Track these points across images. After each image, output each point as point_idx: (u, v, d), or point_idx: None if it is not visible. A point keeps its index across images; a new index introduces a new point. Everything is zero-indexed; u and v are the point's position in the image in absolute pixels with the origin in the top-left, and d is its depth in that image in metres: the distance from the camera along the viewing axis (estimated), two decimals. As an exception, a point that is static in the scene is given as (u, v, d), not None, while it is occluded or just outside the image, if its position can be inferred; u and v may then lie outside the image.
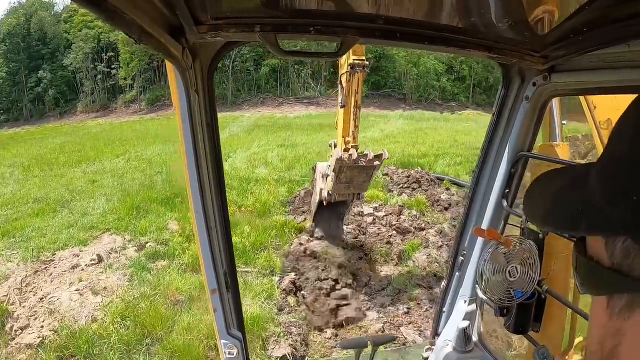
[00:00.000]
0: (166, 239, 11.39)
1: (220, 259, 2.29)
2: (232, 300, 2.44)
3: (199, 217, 2.10)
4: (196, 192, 2.04)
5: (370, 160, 8.36)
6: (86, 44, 76.16)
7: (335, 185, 8.78)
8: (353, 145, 8.49)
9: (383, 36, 1.69)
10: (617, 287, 0.57)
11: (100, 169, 20.63)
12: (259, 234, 11.53)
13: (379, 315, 8.86)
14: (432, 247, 12.17)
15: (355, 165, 8.25)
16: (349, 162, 8.17)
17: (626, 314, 0.55)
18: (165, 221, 12.51)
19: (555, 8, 1.49)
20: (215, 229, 2.20)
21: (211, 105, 1.95)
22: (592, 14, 1.37)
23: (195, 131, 1.90)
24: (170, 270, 9.78)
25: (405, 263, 11.06)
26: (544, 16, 1.55)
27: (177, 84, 1.74)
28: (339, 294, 9.15)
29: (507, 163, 2.47)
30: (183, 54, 1.60)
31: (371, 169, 8.60)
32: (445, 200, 15.49)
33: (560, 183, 0.72)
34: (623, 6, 1.29)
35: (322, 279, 9.40)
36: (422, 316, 8.90)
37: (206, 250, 2.19)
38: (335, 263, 9.87)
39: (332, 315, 8.62)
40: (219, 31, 1.58)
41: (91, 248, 10.92)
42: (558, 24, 1.56)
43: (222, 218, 2.23)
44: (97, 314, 8.15)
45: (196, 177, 2.00)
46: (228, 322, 2.42)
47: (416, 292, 9.69)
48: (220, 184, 2.16)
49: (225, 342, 2.41)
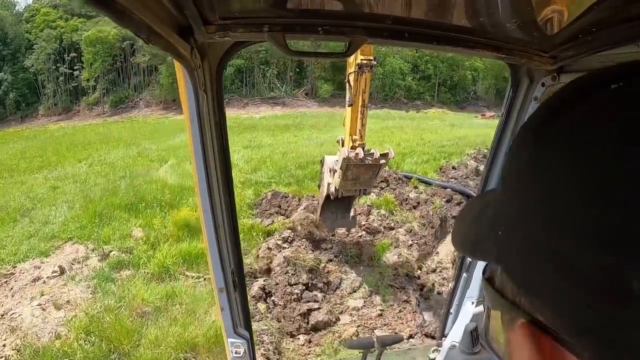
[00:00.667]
0: (130, 246, 11.02)
1: (227, 258, 2.28)
2: (239, 299, 2.43)
3: (206, 216, 2.09)
4: (204, 191, 2.02)
5: (376, 159, 8.34)
6: (48, 44, 74.39)
7: (342, 181, 8.81)
8: (360, 143, 8.52)
9: (391, 36, 1.68)
10: (499, 306, 0.63)
11: (62, 175, 19.95)
12: (226, 239, 11.21)
13: (352, 318, 8.71)
14: (402, 246, 12.10)
15: (361, 163, 8.29)
16: (356, 161, 8.21)
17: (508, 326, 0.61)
18: (129, 228, 12.12)
19: (564, 8, 1.46)
20: (222, 227, 2.18)
21: (219, 104, 1.93)
22: (601, 13, 1.35)
23: (204, 130, 1.88)
24: (135, 280, 9.45)
25: (376, 264, 10.95)
26: (553, 16, 1.52)
27: (185, 83, 1.73)
28: (309, 298, 8.96)
29: None
30: (191, 53, 1.58)
31: (377, 167, 8.62)
32: (413, 199, 15.49)
33: (477, 208, 0.74)
34: (632, 6, 1.28)
35: (292, 284, 9.19)
36: (395, 317, 8.79)
37: (214, 249, 2.18)
38: (305, 267, 9.66)
39: (303, 320, 8.42)
40: (227, 31, 1.58)
41: (53, 259, 10.48)
42: (567, 23, 1.52)
43: (229, 217, 2.22)
44: (61, 329, 7.76)
45: (204, 176, 1.98)
46: (235, 321, 2.42)
47: (389, 293, 9.57)
48: (228, 183, 2.14)
49: (232, 340, 2.42)
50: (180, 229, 11.73)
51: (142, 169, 19.63)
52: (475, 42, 1.78)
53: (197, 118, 1.82)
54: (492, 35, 1.76)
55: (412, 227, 13.45)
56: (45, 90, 74.49)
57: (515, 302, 0.57)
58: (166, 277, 9.67)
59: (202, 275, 9.84)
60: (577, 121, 0.50)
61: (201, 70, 1.71)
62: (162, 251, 10.51)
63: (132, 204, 13.83)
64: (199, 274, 9.90)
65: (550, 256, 0.48)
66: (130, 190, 15.55)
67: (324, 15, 1.58)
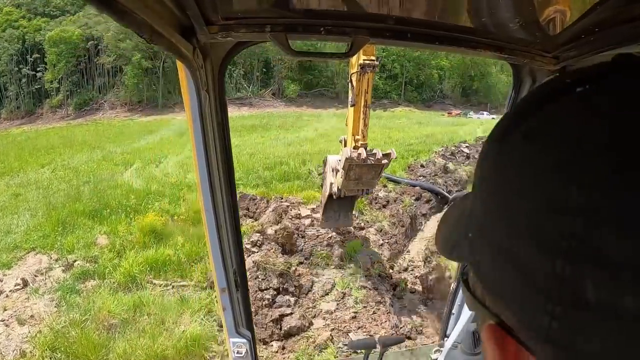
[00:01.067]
0: (95, 255, 10.62)
1: (229, 258, 2.29)
2: (241, 299, 2.43)
3: (209, 216, 2.10)
4: (206, 191, 2.03)
5: (379, 159, 8.50)
6: (10, 45, 71.94)
7: (345, 181, 8.94)
8: (362, 143, 8.62)
9: (393, 36, 1.68)
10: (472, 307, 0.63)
11: (24, 181, 19.19)
12: (194, 244, 11.00)
13: (325, 322, 8.57)
14: (374, 246, 12.07)
15: (364, 163, 8.41)
16: (358, 161, 8.34)
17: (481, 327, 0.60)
18: (93, 236, 11.68)
19: (567, 8, 1.47)
20: (225, 227, 2.19)
21: (222, 104, 1.94)
22: (604, 13, 1.35)
23: (206, 130, 1.89)
24: (101, 290, 9.09)
25: (347, 264, 10.86)
26: (556, 16, 1.51)
27: (187, 83, 1.73)
28: (281, 303, 8.80)
29: None
30: (194, 53, 1.57)
31: (379, 167, 8.75)
32: (383, 198, 15.50)
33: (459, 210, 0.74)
34: (635, 6, 1.28)
35: (262, 289, 9.00)
36: (370, 319, 8.70)
37: (216, 249, 2.19)
38: (275, 271, 9.48)
39: (276, 327, 8.25)
40: (230, 31, 1.58)
41: (15, 271, 10.03)
42: (570, 23, 1.53)
43: (232, 217, 2.22)
44: (25, 346, 7.41)
45: (206, 176, 1.99)
46: (237, 321, 2.43)
47: (361, 295, 9.48)
48: (230, 183, 2.14)
49: (234, 340, 2.44)
50: (146, 235, 11.38)
51: (107, 174, 19.01)
52: (477, 42, 1.78)
53: (200, 118, 1.83)
54: (494, 35, 1.76)
55: (383, 226, 13.45)
56: (7, 92, 72.26)
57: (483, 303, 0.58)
58: (133, 287, 9.35)
59: (169, 283, 9.58)
60: (536, 128, 0.48)
61: (203, 71, 1.71)
62: (128, 259, 10.15)
63: (96, 210, 13.36)
64: (167, 281, 9.63)
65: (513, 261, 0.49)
66: (95, 196, 15.02)
67: (326, 15, 1.58)
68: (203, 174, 1.97)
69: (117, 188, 16.02)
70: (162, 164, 20.51)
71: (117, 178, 18.00)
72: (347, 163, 8.36)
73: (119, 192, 15.39)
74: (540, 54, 1.88)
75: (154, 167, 20.18)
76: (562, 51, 1.81)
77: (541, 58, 1.89)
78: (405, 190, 16.85)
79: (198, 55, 1.60)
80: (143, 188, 15.94)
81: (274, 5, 1.51)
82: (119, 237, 11.45)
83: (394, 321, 8.73)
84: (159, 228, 11.75)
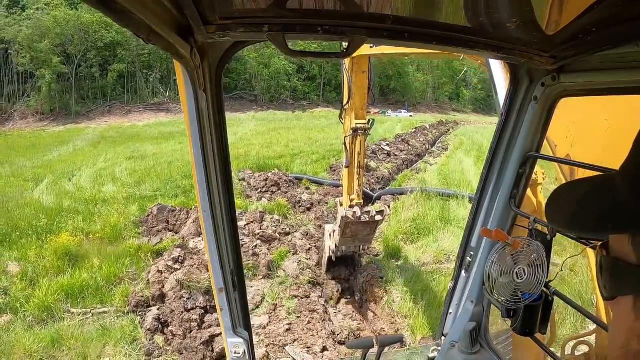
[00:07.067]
0: (5, 286, 9.40)
1: (227, 258, 2.25)
2: (238, 299, 2.40)
3: (206, 217, 2.05)
4: (204, 192, 1.99)
5: (372, 217, 8.74)
6: None
7: (342, 239, 9.17)
8: (357, 202, 8.93)
9: (391, 36, 1.66)
10: None
11: None
12: (111, 265, 10.14)
13: (259, 337, 8.07)
14: (301, 251, 11.69)
15: (359, 221, 8.65)
16: (353, 219, 8.59)
17: None
18: (3, 263, 10.36)
19: (564, 8, 1.46)
20: (222, 228, 2.16)
21: (219, 104, 1.92)
22: (601, 13, 1.33)
23: (203, 130, 1.86)
24: (14, 326, 8.07)
25: (275, 274, 10.40)
26: (553, 16, 1.51)
27: (185, 83, 1.69)
28: (211, 322, 8.17)
29: (515, 163, 2.44)
30: (191, 53, 1.55)
31: (374, 224, 9.02)
32: (306, 200, 15.21)
33: (583, 190, 0.79)
34: (632, 6, 1.26)
35: (189, 309, 8.34)
36: (305, 330, 8.28)
37: (213, 249, 2.14)
38: (200, 289, 8.81)
39: (207, 349, 7.62)
40: (227, 31, 1.55)
41: None
42: (567, 23, 1.52)
43: (229, 218, 2.20)
44: None
45: (204, 177, 1.95)
46: (234, 321, 2.38)
47: (293, 305, 9.05)
48: (227, 184, 2.13)
49: (231, 340, 2.38)
50: (60, 259, 10.31)
51: (16, 191, 17.00)
52: (475, 42, 1.76)
53: (197, 118, 1.79)
54: (492, 35, 1.75)
55: (309, 230, 13.12)
56: None
57: None
58: (49, 319, 8.36)
59: (89, 310, 8.64)
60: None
61: (201, 71, 1.69)
62: (42, 288, 9.09)
63: (4, 233, 11.90)
64: (86, 309, 8.69)
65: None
66: (2, 217, 13.31)
67: (324, 15, 1.55)
68: (200, 174, 1.93)
69: (27, 207, 14.28)
70: (75, 177, 18.92)
71: (27, 196, 16.11)
72: (343, 221, 8.67)
73: (28, 211, 13.77)
74: (538, 54, 1.88)
75: (67, 181, 18.51)
76: (560, 51, 1.82)
77: (539, 58, 1.89)
78: (328, 192, 16.67)
79: (195, 55, 1.59)
80: (55, 205, 14.44)
81: (271, 5, 1.47)
82: (30, 262, 10.25)
83: (330, 328, 8.41)
84: (74, 249, 10.76)
